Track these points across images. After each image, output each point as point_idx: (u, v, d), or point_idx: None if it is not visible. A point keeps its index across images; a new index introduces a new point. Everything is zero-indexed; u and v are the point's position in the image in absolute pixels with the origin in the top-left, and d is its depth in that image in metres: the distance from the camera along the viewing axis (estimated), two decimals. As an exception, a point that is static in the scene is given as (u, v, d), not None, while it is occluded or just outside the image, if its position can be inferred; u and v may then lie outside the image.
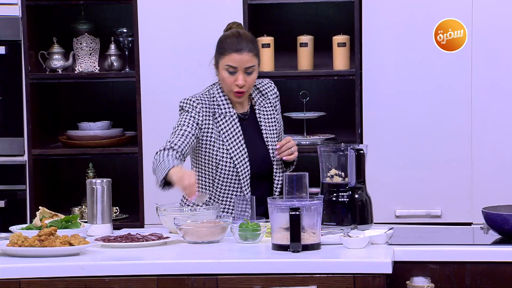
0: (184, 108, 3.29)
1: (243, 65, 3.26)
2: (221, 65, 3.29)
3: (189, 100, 3.30)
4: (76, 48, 4.40)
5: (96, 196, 3.15)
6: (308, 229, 2.82)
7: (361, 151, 3.15)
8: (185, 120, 3.27)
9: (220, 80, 3.31)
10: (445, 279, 2.80)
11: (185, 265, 2.74)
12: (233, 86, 3.27)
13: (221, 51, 3.29)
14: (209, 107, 3.29)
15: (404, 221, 4.04)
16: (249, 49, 3.27)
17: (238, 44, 3.27)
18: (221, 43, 3.32)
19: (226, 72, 3.27)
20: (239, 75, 3.26)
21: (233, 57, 3.26)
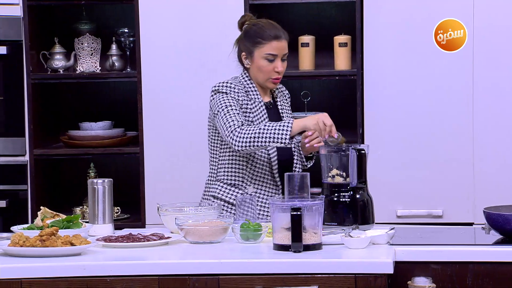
0: (222, 91, 3.34)
1: (282, 52, 3.37)
2: (258, 54, 3.35)
3: (225, 83, 3.36)
4: (78, 48, 4.40)
5: (97, 196, 3.15)
6: (309, 229, 2.82)
7: (363, 151, 3.15)
8: (230, 102, 3.31)
9: (256, 69, 3.38)
10: (446, 279, 2.80)
11: (187, 265, 2.74)
12: (272, 73, 3.37)
13: (257, 40, 3.35)
14: (243, 91, 3.36)
15: (405, 221, 4.04)
16: (285, 36, 3.40)
17: (276, 32, 3.37)
18: (255, 32, 3.37)
19: (265, 61, 3.36)
20: (278, 62, 3.36)
21: (274, 45, 3.35)
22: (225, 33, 4.15)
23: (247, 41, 3.38)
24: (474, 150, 4.04)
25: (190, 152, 4.19)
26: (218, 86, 3.36)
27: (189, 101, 4.19)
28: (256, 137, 3.18)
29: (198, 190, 4.15)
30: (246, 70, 3.42)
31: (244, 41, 3.40)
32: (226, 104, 3.30)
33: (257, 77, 3.39)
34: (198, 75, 4.18)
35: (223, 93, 3.33)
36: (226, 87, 3.34)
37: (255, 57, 3.36)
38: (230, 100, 3.31)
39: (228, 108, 3.28)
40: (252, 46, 3.36)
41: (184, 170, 4.19)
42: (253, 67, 3.38)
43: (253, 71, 3.39)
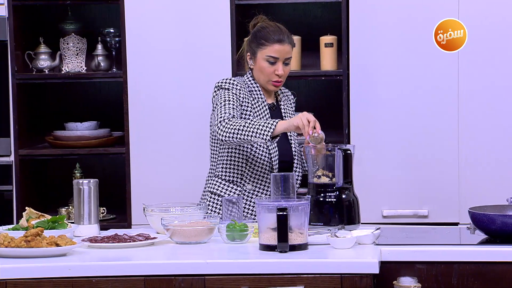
0: (224, 87, 3.37)
1: (283, 55, 3.39)
2: (260, 55, 3.38)
3: (229, 79, 3.38)
4: (63, 48, 4.38)
5: (83, 197, 3.14)
6: (295, 229, 2.82)
7: (348, 151, 3.15)
8: (229, 97, 3.34)
9: (258, 70, 3.41)
10: (432, 279, 2.81)
11: (173, 265, 2.74)
12: (272, 76, 3.39)
13: (261, 42, 3.39)
14: (246, 89, 3.39)
15: (391, 221, 4.05)
16: (289, 41, 3.41)
17: (279, 35, 3.39)
18: (260, 34, 3.41)
19: (266, 63, 3.38)
20: (279, 65, 3.38)
21: (275, 48, 3.37)
22: (211, 33, 4.15)
23: (253, 42, 3.42)
24: (459, 151, 4.05)
25: (176, 152, 4.18)
26: (221, 82, 3.40)
27: (175, 101, 4.18)
28: (240, 129, 3.19)
29: (184, 190, 4.15)
30: (251, 71, 3.46)
31: (250, 41, 3.44)
32: (224, 98, 3.33)
33: (258, 78, 3.42)
34: (184, 75, 4.18)
35: (224, 89, 3.36)
36: (229, 84, 3.37)
37: (257, 58, 3.40)
38: (230, 95, 3.34)
39: (226, 102, 3.31)
40: (256, 47, 3.40)
41: (170, 170, 4.18)
42: (255, 68, 3.42)
43: (255, 71, 3.43)
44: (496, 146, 4.03)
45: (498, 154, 4.02)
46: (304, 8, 4.43)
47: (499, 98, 4.02)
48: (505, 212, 3.01)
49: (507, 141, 4.02)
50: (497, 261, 2.79)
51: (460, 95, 4.05)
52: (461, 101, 4.04)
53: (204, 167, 4.16)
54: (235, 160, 3.40)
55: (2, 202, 4.30)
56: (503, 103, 4.02)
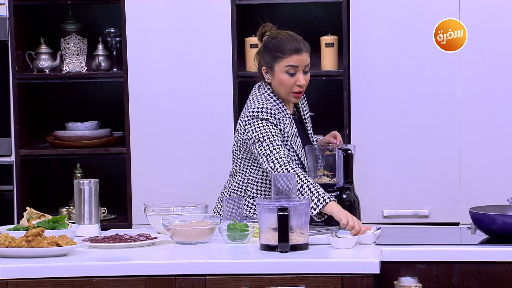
0: (262, 117, 3.21)
1: (303, 64, 3.27)
2: (279, 68, 3.25)
3: (264, 108, 3.22)
4: (64, 48, 4.38)
5: (83, 197, 3.14)
6: (296, 229, 2.82)
7: (349, 151, 3.15)
8: (271, 131, 3.18)
9: (277, 83, 3.27)
10: (432, 279, 2.81)
11: (173, 265, 2.74)
12: (294, 87, 3.27)
13: (277, 55, 3.25)
14: (278, 112, 3.27)
15: (392, 221, 4.05)
16: (306, 49, 3.30)
17: (295, 44, 3.27)
18: (275, 45, 3.27)
19: (286, 74, 3.25)
20: (300, 75, 3.26)
21: (294, 58, 3.25)
22: (212, 33, 4.15)
23: (267, 55, 3.28)
24: (460, 151, 4.05)
25: (177, 152, 4.18)
26: (257, 112, 3.21)
27: (175, 101, 4.18)
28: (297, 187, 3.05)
29: (185, 190, 4.15)
30: (268, 84, 3.31)
31: (264, 55, 3.30)
32: (268, 134, 3.17)
33: (279, 91, 3.28)
34: (184, 75, 4.18)
35: (264, 120, 3.21)
36: (267, 113, 3.22)
37: (275, 72, 3.26)
38: (271, 129, 3.18)
39: (271, 139, 3.16)
40: (272, 61, 3.26)
41: (170, 171, 4.18)
42: (274, 81, 3.28)
43: (275, 85, 3.29)
44: (496, 146, 4.03)
45: (499, 154, 4.02)
46: (304, 8, 4.43)
47: (500, 98, 4.02)
48: (506, 212, 3.01)
49: (508, 141, 4.02)
50: (498, 261, 2.79)
51: (461, 95, 4.04)
52: (462, 101, 4.04)
53: (205, 167, 4.17)
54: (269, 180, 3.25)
55: (3, 202, 4.30)
56: (504, 103, 4.02)
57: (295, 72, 3.26)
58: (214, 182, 4.00)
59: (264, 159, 3.15)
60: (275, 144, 3.15)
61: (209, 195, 3.86)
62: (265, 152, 3.15)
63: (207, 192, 4.02)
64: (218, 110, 4.15)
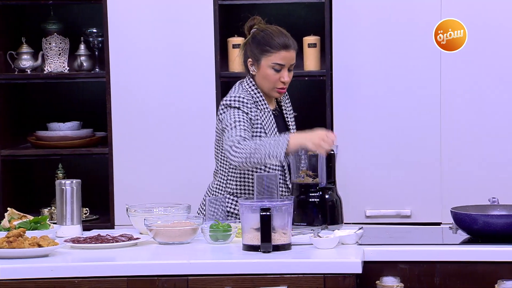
0: (233, 105, 3.23)
1: (289, 62, 3.29)
2: (265, 62, 3.27)
3: (237, 97, 3.25)
4: (45, 48, 4.37)
5: (65, 197, 3.12)
6: (278, 230, 2.82)
7: (332, 151, 3.16)
8: (239, 117, 3.21)
9: (261, 77, 3.29)
10: (414, 278, 2.82)
11: (156, 266, 2.74)
12: (277, 83, 3.29)
13: (266, 49, 3.26)
14: (252, 103, 3.28)
15: (374, 221, 4.06)
16: (294, 46, 3.31)
17: (285, 41, 3.28)
18: (264, 39, 3.28)
19: (272, 70, 3.27)
20: (284, 72, 3.28)
21: (282, 55, 3.26)
22: (195, 33, 4.15)
23: (255, 47, 3.28)
24: (441, 151, 4.07)
25: (160, 152, 4.18)
26: (229, 100, 3.25)
27: (158, 101, 4.18)
28: (252, 152, 3.09)
29: (168, 190, 4.15)
30: (251, 77, 3.33)
31: (251, 47, 3.30)
32: (235, 119, 3.20)
33: (262, 85, 3.30)
34: (167, 76, 4.17)
35: (234, 108, 3.23)
36: (238, 102, 3.24)
37: (261, 66, 3.27)
38: (240, 115, 3.21)
39: (236, 124, 3.18)
40: (260, 54, 3.27)
41: (153, 171, 4.17)
42: (259, 74, 3.29)
43: (258, 78, 3.30)
44: (478, 146, 4.05)
45: (480, 154, 4.05)
46: (287, 9, 4.44)
47: (481, 99, 4.04)
48: (487, 212, 3.02)
49: (489, 141, 4.04)
50: (479, 261, 2.81)
51: (443, 95, 4.06)
52: (443, 101, 4.06)
53: (188, 167, 4.16)
54: (250, 176, 3.29)
55: (-16, 202, 4.27)
56: (485, 103, 4.04)
57: (281, 69, 3.28)
58: (198, 182, 4.00)
59: (225, 143, 3.17)
60: (238, 128, 3.17)
61: (192, 195, 3.86)
62: (226, 137, 3.18)
63: (190, 192, 4.01)
64: (201, 110, 4.14)
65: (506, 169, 4.02)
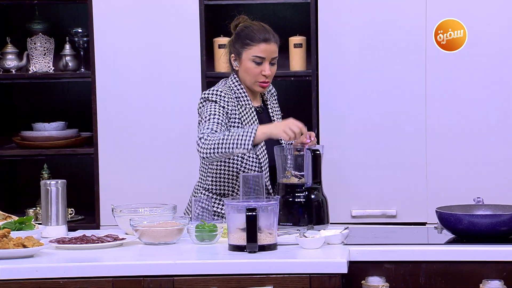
0: (211, 99, 3.25)
1: (270, 55, 3.30)
2: (246, 56, 3.29)
3: (215, 91, 3.27)
4: (30, 48, 4.35)
5: (50, 198, 3.11)
6: (264, 230, 2.82)
7: (317, 151, 3.16)
8: (215, 110, 3.22)
9: (243, 71, 3.31)
10: (400, 278, 2.83)
11: (141, 266, 2.73)
12: (259, 76, 3.30)
13: (246, 42, 3.29)
14: (233, 99, 3.29)
15: (360, 221, 4.07)
16: (275, 40, 3.32)
17: (265, 34, 3.30)
18: (245, 34, 3.30)
19: (253, 63, 3.28)
20: (266, 65, 3.29)
21: (262, 47, 3.28)
22: (180, 33, 4.14)
23: (237, 43, 3.31)
24: (427, 151, 4.08)
25: (145, 152, 4.17)
26: (208, 94, 3.27)
27: (143, 101, 4.17)
28: (219, 143, 3.10)
29: (153, 191, 4.14)
30: (235, 73, 3.35)
31: (234, 42, 3.33)
32: (210, 112, 3.21)
33: (244, 79, 3.31)
34: (153, 76, 4.16)
35: (212, 101, 3.24)
36: (216, 95, 3.25)
37: (243, 59, 3.29)
38: (216, 109, 3.22)
39: (210, 117, 3.19)
40: (241, 48, 3.29)
41: (139, 171, 4.17)
42: (241, 69, 3.31)
43: (241, 73, 3.32)
44: (463, 147, 4.06)
45: (465, 154, 4.06)
46: (273, 9, 4.44)
47: (466, 100, 4.06)
48: (471, 211, 3.04)
49: (474, 142, 4.06)
50: (464, 261, 2.82)
51: (428, 96, 4.08)
52: (429, 102, 4.08)
53: (173, 167, 4.16)
54: (225, 173, 3.31)
55: (-31, 203, 4.25)
56: (469, 105, 4.06)
57: (262, 62, 3.29)
58: (183, 182, 3.99)
59: (197, 134, 3.19)
60: (212, 121, 3.18)
61: (177, 195, 3.86)
62: (198, 129, 3.20)
63: (176, 192, 4.01)
64: (187, 110, 4.14)
65: (490, 169, 4.04)
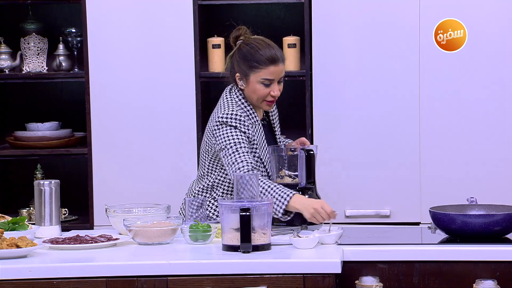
0: (230, 124, 3.20)
1: (279, 76, 3.27)
2: (254, 78, 3.24)
3: (233, 115, 3.21)
4: (24, 48, 4.34)
5: (44, 198, 3.11)
6: (258, 230, 2.82)
7: (311, 151, 3.16)
8: (237, 137, 3.17)
9: (251, 91, 3.26)
10: (393, 278, 2.83)
11: (135, 266, 2.73)
12: (267, 96, 3.26)
13: (254, 65, 3.24)
14: (248, 119, 3.25)
15: (354, 221, 4.07)
16: (282, 59, 3.29)
17: (272, 54, 3.25)
18: (251, 55, 3.25)
19: (261, 85, 3.25)
20: (275, 86, 3.26)
21: (271, 70, 3.24)
22: (174, 33, 4.14)
23: (242, 63, 3.26)
24: (420, 151, 4.09)
25: (139, 153, 4.17)
26: (226, 118, 3.20)
27: (137, 101, 4.17)
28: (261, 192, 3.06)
29: (147, 191, 4.14)
30: (241, 90, 3.30)
31: (239, 62, 3.27)
32: (235, 141, 3.16)
33: (251, 98, 3.27)
34: (146, 76, 4.16)
35: (232, 127, 3.19)
36: (235, 120, 3.20)
37: (250, 81, 3.24)
38: (239, 136, 3.17)
39: (237, 146, 3.15)
40: (248, 69, 3.24)
41: (132, 171, 4.16)
42: (248, 89, 3.26)
43: (248, 92, 3.27)
44: (456, 147, 4.07)
45: (459, 154, 4.07)
46: (267, 9, 4.44)
47: (459, 100, 4.07)
48: (465, 211, 3.04)
49: (467, 142, 4.06)
50: (457, 260, 2.82)
51: (422, 96, 4.08)
52: (422, 102, 4.08)
53: (167, 167, 4.15)
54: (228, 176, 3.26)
55: (-38, 203, 4.25)
56: (463, 105, 4.06)
57: (270, 83, 3.26)
58: (177, 182, 3.99)
59: (229, 167, 3.15)
60: (241, 152, 3.15)
61: (171, 195, 3.85)
62: (231, 160, 3.15)
63: (169, 192, 4.01)
64: (181, 111, 4.14)
65: (484, 169, 4.05)
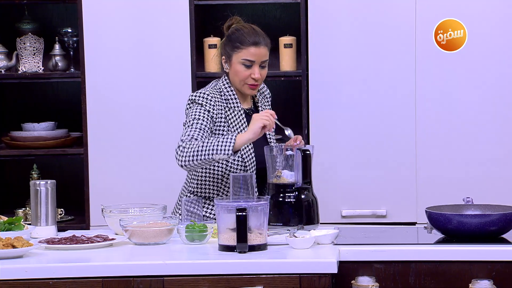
0: (197, 101, 3.25)
1: (260, 58, 3.29)
2: (235, 58, 3.28)
3: (202, 94, 3.27)
4: (20, 48, 4.34)
5: (40, 198, 3.11)
6: (254, 230, 2.82)
7: (308, 151, 3.16)
8: (199, 114, 3.22)
9: (233, 73, 3.31)
10: (389, 278, 2.83)
11: (131, 266, 2.73)
12: (248, 79, 3.30)
13: (236, 45, 3.28)
14: (220, 101, 3.28)
15: (350, 221, 4.08)
16: (265, 43, 3.31)
17: (255, 37, 3.29)
18: (236, 37, 3.30)
19: (242, 66, 3.28)
20: (255, 69, 3.29)
21: (251, 51, 3.27)
22: (170, 33, 4.14)
23: (227, 45, 3.31)
24: (417, 152, 4.10)
25: (135, 153, 4.17)
26: (195, 96, 3.26)
27: (134, 101, 4.17)
28: (198, 150, 3.09)
29: (143, 191, 4.14)
30: (226, 74, 3.35)
31: (225, 45, 3.33)
32: (194, 116, 3.21)
33: (234, 81, 3.31)
34: (143, 76, 4.16)
35: (198, 104, 3.24)
36: (203, 98, 3.25)
37: (233, 62, 3.29)
38: (199, 113, 3.21)
39: (194, 121, 3.19)
40: (231, 51, 3.29)
41: (128, 171, 4.16)
42: (231, 71, 3.31)
43: (231, 75, 3.32)
44: (452, 147, 4.08)
45: (455, 154, 4.07)
46: (263, 9, 4.44)
47: (456, 100, 4.07)
48: (461, 211, 3.05)
49: (463, 142, 4.07)
50: (453, 260, 2.83)
51: (418, 96, 4.09)
52: (418, 103, 4.09)
53: (163, 167, 4.15)
54: (210, 176, 3.30)
55: (-42, 203, 4.24)
56: (460, 105, 4.07)
57: (251, 65, 3.29)
58: (173, 182, 3.99)
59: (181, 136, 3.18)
60: (195, 126, 3.18)
61: (167, 195, 3.85)
62: (183, 132, 3.19)
63: (166, 192, 4.01)
64: (177, 111, 4.14)
65: (480, 170, 4.05)
